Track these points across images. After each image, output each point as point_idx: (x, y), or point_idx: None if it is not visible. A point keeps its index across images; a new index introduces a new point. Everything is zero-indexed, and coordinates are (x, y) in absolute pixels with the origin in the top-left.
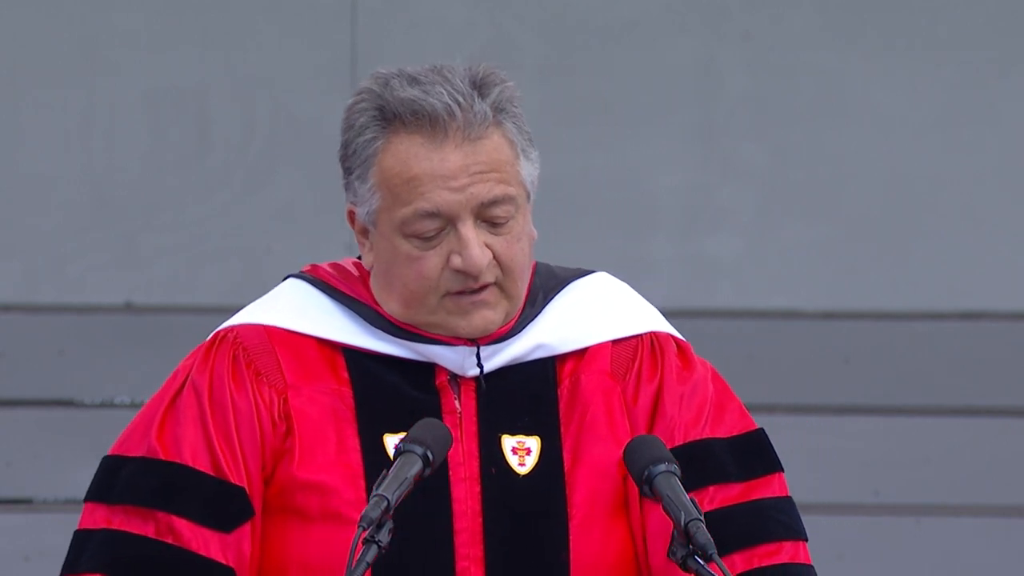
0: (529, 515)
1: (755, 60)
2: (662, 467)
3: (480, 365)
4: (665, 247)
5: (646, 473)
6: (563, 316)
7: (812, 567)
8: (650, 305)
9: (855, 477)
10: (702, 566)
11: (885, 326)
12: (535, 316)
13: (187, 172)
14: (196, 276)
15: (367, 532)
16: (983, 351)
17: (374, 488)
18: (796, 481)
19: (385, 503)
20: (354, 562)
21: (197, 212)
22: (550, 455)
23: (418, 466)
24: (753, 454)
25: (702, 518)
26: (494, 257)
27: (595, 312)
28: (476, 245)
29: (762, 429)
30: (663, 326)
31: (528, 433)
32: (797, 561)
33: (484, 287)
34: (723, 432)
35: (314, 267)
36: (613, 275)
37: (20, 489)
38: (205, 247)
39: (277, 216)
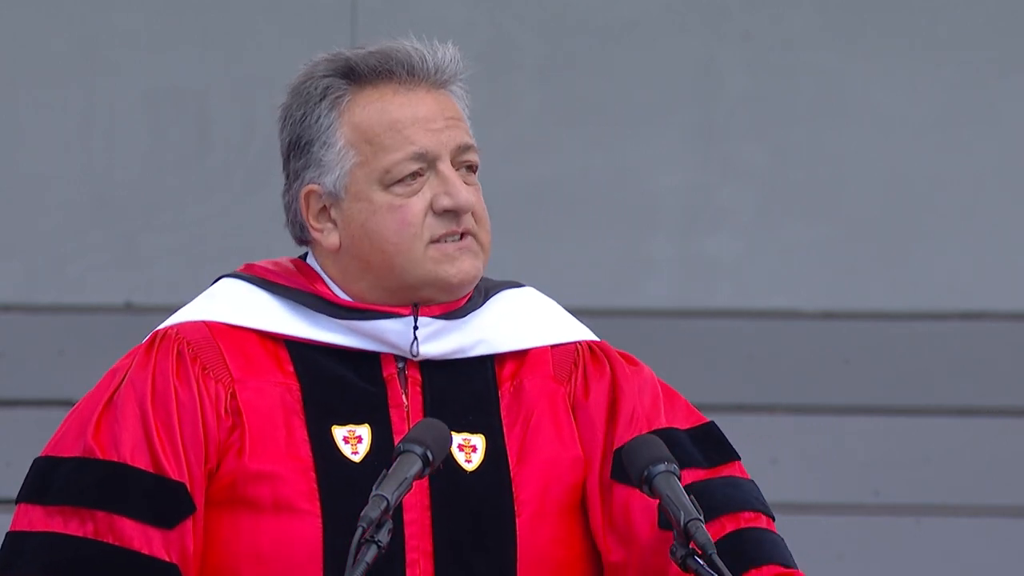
0: (477, 511)
1: (755, 60)
2: (662, 467)
3: (416, 328)
4: (665, 247)
5: (646, 473)
6: (502, 317)
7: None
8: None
9: (855, 477)
10: (702, 566)
11: (885, 326)
12: (479, 306)
13: (187, 172)
14: (196, 276)
15: (367, 532)
16: (983, 351)
17: (373, 488)
18: (796, 481)
19: (384, 503)
20: (354, 562)
21: (197, 212)
22: (495, 453)
23: (417, 466)
24: (712, 444)
25: (702, 517)
26: None
27: (532, 318)
28: (461, 182)
29: (714, 422)
30: (596, 338)
31: (473, 431)
32: (774, 532)
33: (465, 234)
34: (680, 425)
35: (249, 266)
36: (613, 275)
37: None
38: (205, 247)
39: (277, 216)
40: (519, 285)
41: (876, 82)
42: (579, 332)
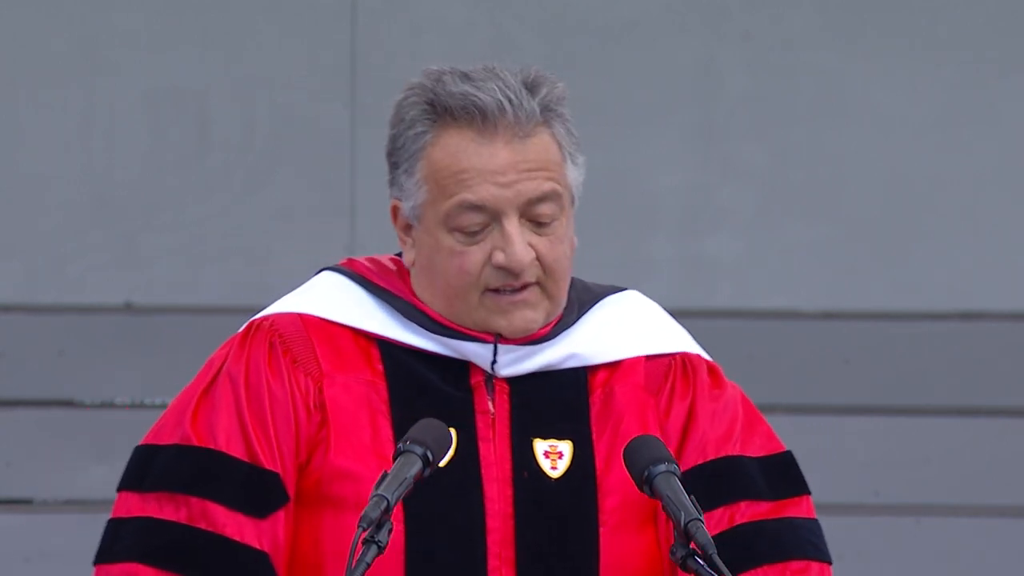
0: (560, 518)
1: (755, 60)
2: (662, 467)
3: (495, 360)
4: (665, 247)
5: (646, 473)
6: (598, 329)
7: None
8: (679, 326)
9: (855, 477)
10: (702, 566)
11: (885, 326)
12: (571, 325)
13: (187, 172)
14: (196, 276)
15: (367, 532)
16: (983, 351)
17: (374, 488)
18: None
19: (385, 503)
20: (354, 562)
21: (197, 212)
22: (582, 460)
23: (418, 466)
24: (782, 475)
25: (702, 518)
26: (537, 257)
27: (629, 327)
28: (520, 242)
29: (790, 452)
30: (694, 347)
31: (560, 437)
32: None
33: (525, 286)
34: (753, 452)
35: (350, 261)
36: (613, 275)
37: (20, 489)
38: (205, 247)
39: (277, 216)
40: (621, 289)
41: (876, 82)
42: (675, 343)
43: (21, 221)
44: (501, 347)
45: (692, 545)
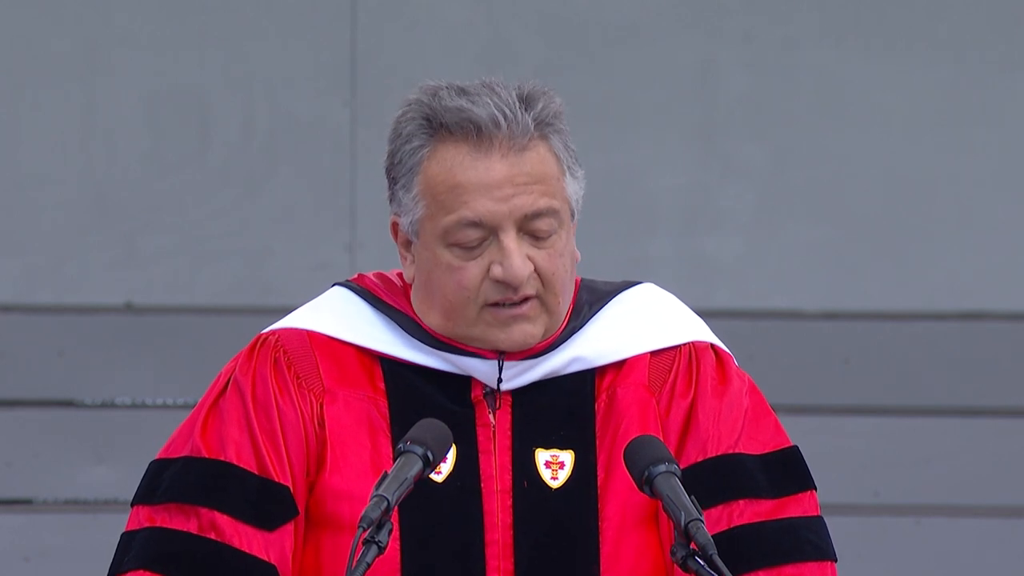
0: (560, 529)
1: (755, 60)
2: (662, 467)
3: (500, 379)
4: (665, 247)
5: (646, 473)
6: (603, 331)
7: None
8: (693, 315)
9: (855, 477)
10: (702, 566)
11: (885, 326)
12: (576, 330)
13: (187, 172)
14: (196, 276)
15: (367, 532)
16: (983, 351)
17: (374, 488)
18: None
19: (385, 503)
20: (354, 562)
21: (197, 212)
22: (583, 469)
23: (418, 466)
24: (785, 471)
25: (702, 518)
26: (535, 270)
27: (635, 324)
28: (518, 255)
29: (796, 447)
30: (704, 336)
31: (562, 447)
32: None
33: (525, 300)
34: (756, 448)
35: (360, 276)
36: (613, 275)
37: (20, 489)
38: (205, 247)
39: (277, 216)
40: (633, 284)
41: (876, 82)
42: (682, 334)
43: (20, 221)
44: (506, 363)
45: (692, 545)
